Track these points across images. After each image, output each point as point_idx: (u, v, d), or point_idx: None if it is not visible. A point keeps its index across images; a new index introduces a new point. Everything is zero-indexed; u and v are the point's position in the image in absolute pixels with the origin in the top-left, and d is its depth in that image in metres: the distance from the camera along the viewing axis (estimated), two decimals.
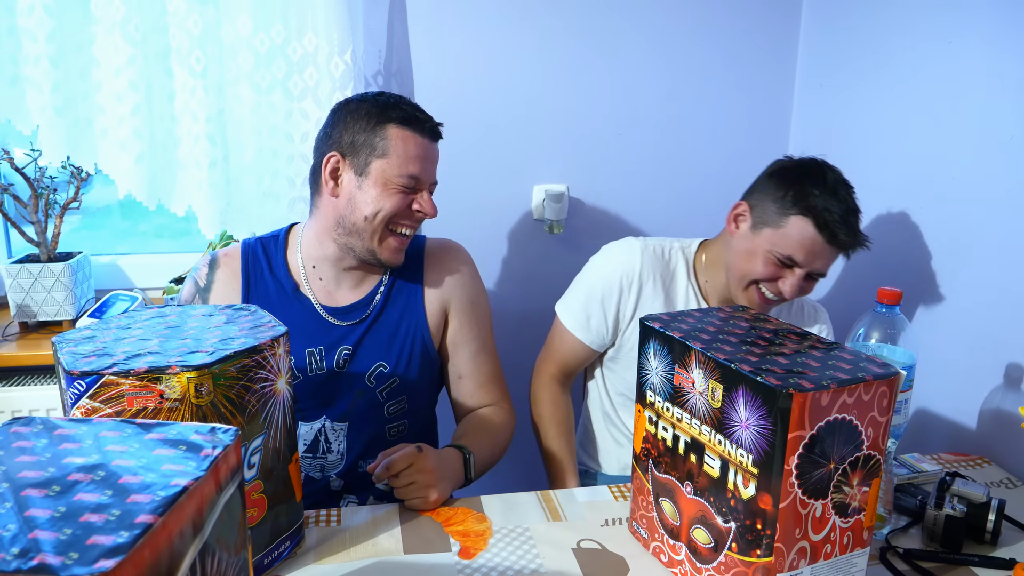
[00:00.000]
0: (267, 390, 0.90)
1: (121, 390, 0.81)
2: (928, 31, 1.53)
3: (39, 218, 1.73)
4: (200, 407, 0.82)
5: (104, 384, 0.81)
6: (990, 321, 1.38)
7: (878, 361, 0.83)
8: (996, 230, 1.37)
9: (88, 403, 0.81)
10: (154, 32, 1.65)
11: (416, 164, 1.21)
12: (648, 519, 1.00)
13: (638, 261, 1.42)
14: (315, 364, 1.28)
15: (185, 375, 0.81)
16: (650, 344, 0.95)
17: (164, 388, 0.81)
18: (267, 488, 0.93)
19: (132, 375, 0.81)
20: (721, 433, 0.84)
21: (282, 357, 0.92)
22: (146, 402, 0.81)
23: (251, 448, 0.89)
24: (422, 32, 1.83)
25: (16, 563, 0.47)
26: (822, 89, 1.91)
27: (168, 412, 0.82)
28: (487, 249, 1.98)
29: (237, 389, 0.86)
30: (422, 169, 1.22)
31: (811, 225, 1.27)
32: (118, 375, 0.81)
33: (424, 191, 1.25)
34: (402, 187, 1.22)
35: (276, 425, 0.93)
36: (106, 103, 1.65)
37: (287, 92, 1.72)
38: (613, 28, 1.91)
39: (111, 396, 0.81)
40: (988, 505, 1.02)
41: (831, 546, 0.83)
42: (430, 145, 1.24)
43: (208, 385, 0.83)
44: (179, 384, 0.81)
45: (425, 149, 1.23)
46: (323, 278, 1.31)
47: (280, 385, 0.92)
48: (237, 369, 0.85)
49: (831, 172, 1.32)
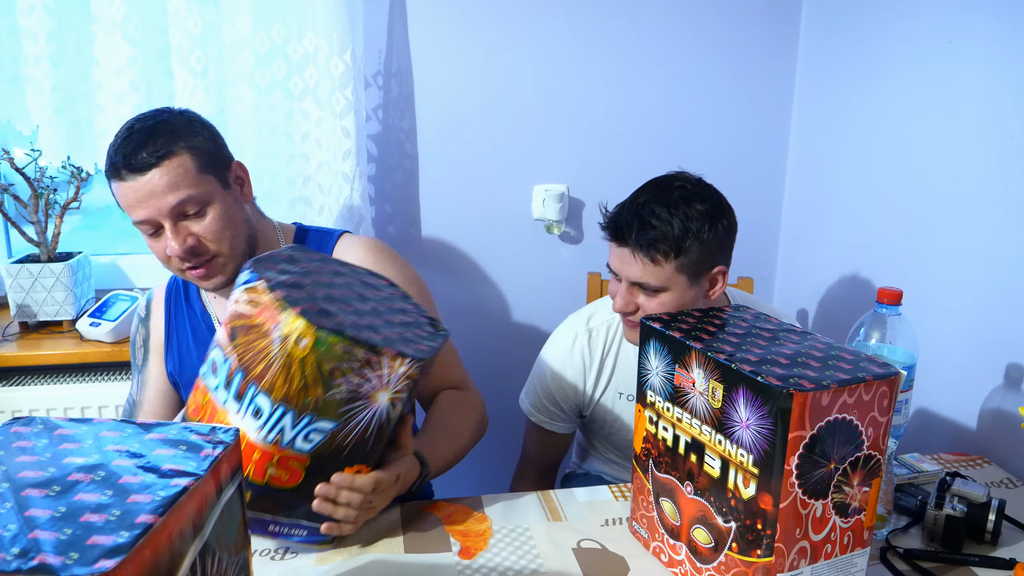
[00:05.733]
0: (363, 390, 0.88)
1: (261, 300, 0.87)
2: (928, 31, 1.53)
3: (39, 218, 1.73)
4: (292, 356, 0.84)
5: (255, 287, 0.87)
6: (990, 321, 1.38)
7: (878, 361, 0.83)
8: (996, 230, 1.37)
9: (241, 293, 0.89)
10: (154, 32, 1.65)
11: (133, 210, 1.13)
12: (648, 519, 1.00)
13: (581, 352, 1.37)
14: None
15: (298, 320, 0.84)
16: (650, 344, 0.95)
17: (281, 321, 0.84)
18: (309, 470, 0.91)
19: (273, 294, 0.86)
20: (721, 433, 0.84)
21: (398, 376, 0.90)
22: (267, 322, 0.86)
23: (315, 426, 0.88)
24: (422, 32, 1.83)
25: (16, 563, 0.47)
26: (822, 89, 1.91)
27: (271, 342, 0.85)
28: (487, 249, 1.99)
29: (333, 367, 0.85)
30: (141, 212, 1.12)
31: (608, 236, 1.23)
32: (268, 287, 0.86)
33: (166, 227, 1.13)
34: (146, 233, 1.16)
35: (355, 427, 0.90)
36: (106, 103, 1.65)
37: (287, 92, 1.72)
38: (613, 28, 1.91)
39: (253, 299, 0.87)
40: (988, 505, 1.02)
41: (831, 546, 0.83)
42: (138, 184, 1.10)
43: (308, 342, 0.84)
44: (289, 324, 0.84)
45: (134, 191, 1.11)
46: (216, 296, 1.29)
47: (381, 397, 0.90)
48: (345, 351, 0.85)
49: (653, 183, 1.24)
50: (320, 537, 0.97)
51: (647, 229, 1.17)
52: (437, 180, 1.93)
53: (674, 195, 1.19)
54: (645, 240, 1.17)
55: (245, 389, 0.88)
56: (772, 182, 2.08)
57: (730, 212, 1.24)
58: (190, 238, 1.13)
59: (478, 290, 2.00)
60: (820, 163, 1.94)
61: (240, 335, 0.88)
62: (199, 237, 1.14)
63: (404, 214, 1.94)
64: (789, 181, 2.08)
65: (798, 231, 2.05)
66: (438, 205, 1.95)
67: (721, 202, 1.23)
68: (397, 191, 1.93)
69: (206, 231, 1.14)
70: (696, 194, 1.20)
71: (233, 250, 1.18)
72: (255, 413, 0.88)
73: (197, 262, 1.15)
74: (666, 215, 1.17)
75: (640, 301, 1.22)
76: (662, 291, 1.20)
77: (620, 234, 1.20)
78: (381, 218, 1.93)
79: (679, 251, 1.17)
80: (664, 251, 1.17)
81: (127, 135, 1.12)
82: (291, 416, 0.87)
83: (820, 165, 1.94)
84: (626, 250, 1.19)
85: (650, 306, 1.21)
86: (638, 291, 1.22)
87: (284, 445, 0.88)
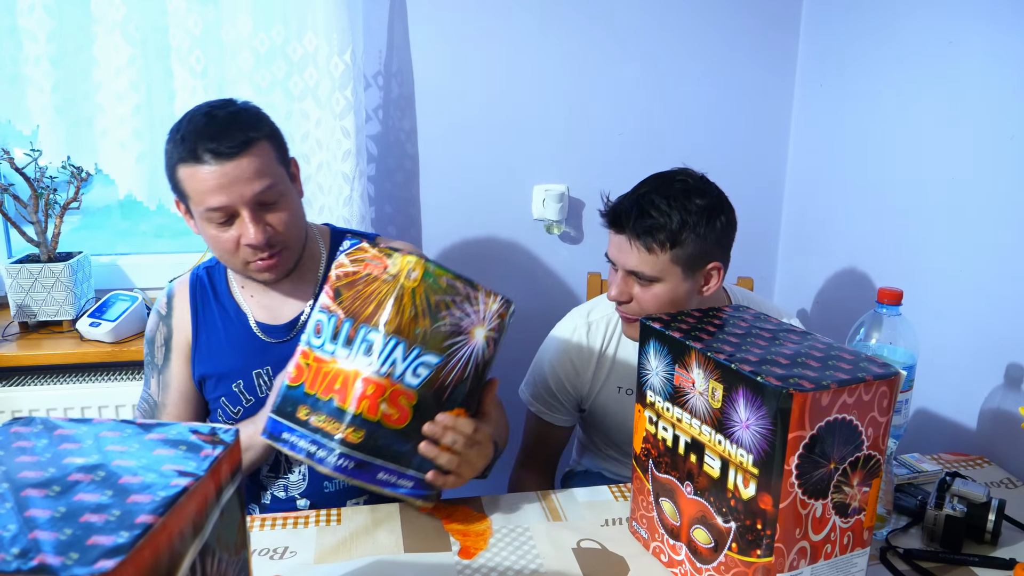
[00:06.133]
0: (463, 325, 0.97)
1: (365, 256, 0.98)
2: (928, 31, 1.53)
3: (39, 218, 1.73)
4: (403, 287, 0.95)
5: (359, 248, 0.99)
6: (990, 321, 1.38)
7: (878, 361, 0.83)
8: (996, 230, 1.37)
9: (343, 259, 1.00)
10: (154, 32, 1.65)
11: (212, 196, 1.09)
12: (648, 519, 1.00)
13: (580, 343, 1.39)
14: (264, 385, 1.23)
15: (407, 256, 0.96)
16: (650, 344, 0.95)
17: (390, 263, 0.96)
18: (416, 408, 0.97)
19: (378, 247, 0.98)
20: (721, 433, 0.84)
21: (493, 314, 0.99)
22: (374, 270, 0.97)
23: (422, 359, 0.96)
24: (422, 32, 1.83)
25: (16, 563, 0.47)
26: (822, 89, 1.91)
27: (382, 283, 0.96)
28: (487, 249, 1.98)
29: (438, 300, 0.95)
30: (221, 198, 1.09)
31: (607, 223, 1.25)
32: (370, 244, 0.99)
33: (243, 215, 1.11)
34: (216, 221, 1.12)
35: (457, 364, 0.98)
36: (106, 103, 1.65)
37: (287, 92, 1.72)
38: (613, 28, 1.91)
39: (358, 258, 0.98)
40: (988, 505, 1.02)
41: (831, 546, 0.83)
42: (222, 168, 1.08)
43: (418, 274, 0.95)
44: (399, 262, 0.96)
45: (217, 176, 1.08)
46: (254, 295, 1.27)
47: (478, 333, 0.98)
48: (448, 283, 0.96)
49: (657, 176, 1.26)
50: (424, 491, 1.00)
51: (645, 218, 1.19)
52: (437, 180, 1.93)
53: (675, 188, 1.21)
54: (642, 228, 1.19)
55: (356, 332, 0.96)
56: (772, 182, 2.08)
57: (730, 210, 1.25)
58: (268, 228, 1.13)
59: None
60: (820, 163, 1.94)
61: (345, 291, 0.98)
62: (274, 228, 1.14)
63: (404, 214, 1.94)
64: (789, 181, 2.08)
65: (798, 231, 2.05)
66: (438, 205, 1.95)
67: (721, 199, 1.24)
68: (397, 191, 1.93)
69: (280, 222, 1.14)
70: (697, 189, 1.22)
71: (298, 243, 1.20)
72: (367, 350, 0.95)
73: (270, 253, 1.15)
74: (665, 206, 1.19)
75: (635, 291, 1.24)
76: (656, 281, 1.22)
77: (619, 221, 1.22)
78: (381, 218, 1.93)
79: (675, 242, 1.19)
80: (660, 241, 1.19)
81: (208, 120, 1.10)
82: (402, 347, 0.95)
83: (820, 165, 1.94)
84: (623, 238, 1.21)
85: (644, 297, 1.23)
86: (633, 281, 1.24)
87: (396, 378, 0.95)
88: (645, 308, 1.24)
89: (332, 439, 0.95)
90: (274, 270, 1.17)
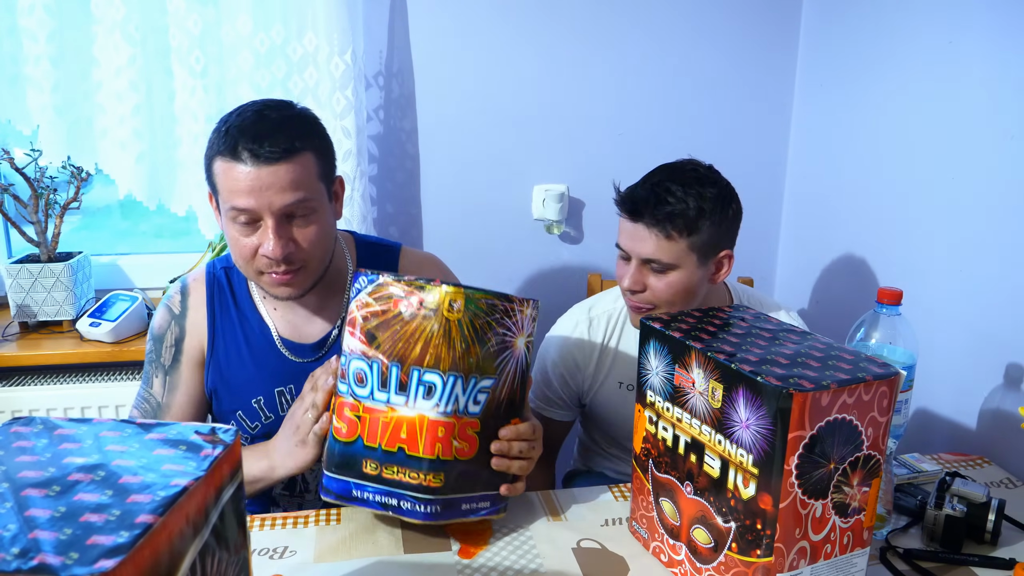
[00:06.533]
0: (507, 340, 0.96)
1: (391, 292, 0.94)
2: (928, 31, 1.53)
3: (39, 218, 1.73)
4: (449, 320, 0.92)
5: (381, 284, 0.94)
6: (990, 321, 1.38)
7: (878, 361, 0.83)
8: (996, 230, 1.37)
9: (365, 298, 0.95)
10: (154, 32, 1.65)
11: (241, 197, 1.04)
12: (648, 519, 1.00)
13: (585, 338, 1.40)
14: (286, 404, 1.19)
15: (445, 287, 0.92)
16: (650, 344, 0.95)
17: (425, 296, 0.92)
18: (481, 435, 0.97)
19: (404, 281, 0.93)
20: (721, 433, 0.84)
21: (528, 319, 0.98)
22: (409, 307, 0.93)
23: (480, 386, 0.95)
24: (422, 32, 1.83)
25: (16, 563, 0.47)
26: (822, 89, 1.91)
27: (423, 319, 0.92)
28: (487, 249, 1.98)
29: (483, 322, 0.94)
30: (249, 200, 1.04)
31: (623, 212, 1.26)
32: (394, 279, 0.94)
33: (268, 223, 1.05)
34: (239, 222, 1.06)
35: (507, 378, 0.98)
36: (106, 103, 1.65)
37: (287, 92, 1.72)
38: (613, 28, 1.91)
39: (383, 295, 0.94)
40: (988, 505, 1.02)
41: (831, 546, 0.83)
42: (257, 172, 1.03)
43: (460, 303, 0.92)
44: (438, 295, 0.92)
45: (251, 178, 1.03)
46: (278, 308, 1.20)
47: (519, 343, 0.98)
48: (488, 304, 0.94)
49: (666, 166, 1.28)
50: (499, 505, 1.03)
51: (663, 204, 1.21)
52: (438, 180, 1.93)
53: (688, 176, 1.24)
54: (661, 214, 1.20)
55: (408, 376, 0.94)
56: (772, 182, 2.08)
57: (738, 200, 1.28)
58: (290, 243, 1.07)
59: None
60: (820, 163, 1.94)
61: (379, 333, 0.94)
62: (297, 243, 1.07)
63: (405, 214, 1.94)
64: (789, 181, 2.08)
65: (798, 231, 2.05)
66: (439, 205, 1.95)
67: (730, 188, 1.27)
68: (398, 191, 1.93)
69: (306, 239, 1.08)
70: (708, 178, 1.25)
71: (320, 264, 1.13)
72: (427, 392, 0.94)
73: (286, 269, 1.08)
74: (681, 193, 1.21)
75: (649, 281, 1.25)
76: (672, 269, 1.23)
77: (636, 209, 1.23)
78: (382, 218, 1.93)
79: (692, 229, 1.21)
80: (679, 227, 1.21)
81: (257, 119, 1.05)
82: (461, 382, 0.94)
83: (820, 165, 1.94)
84: (640, 226, 1.22)
85: (659, 286, 1.24)
86: (648, 270, 1.25)
87: (461, 413, 0.95)
88: (659, 297, 1.25)
89: (414, 489, 0.94)
90: (287, 286, 1.11)
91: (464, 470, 0.96)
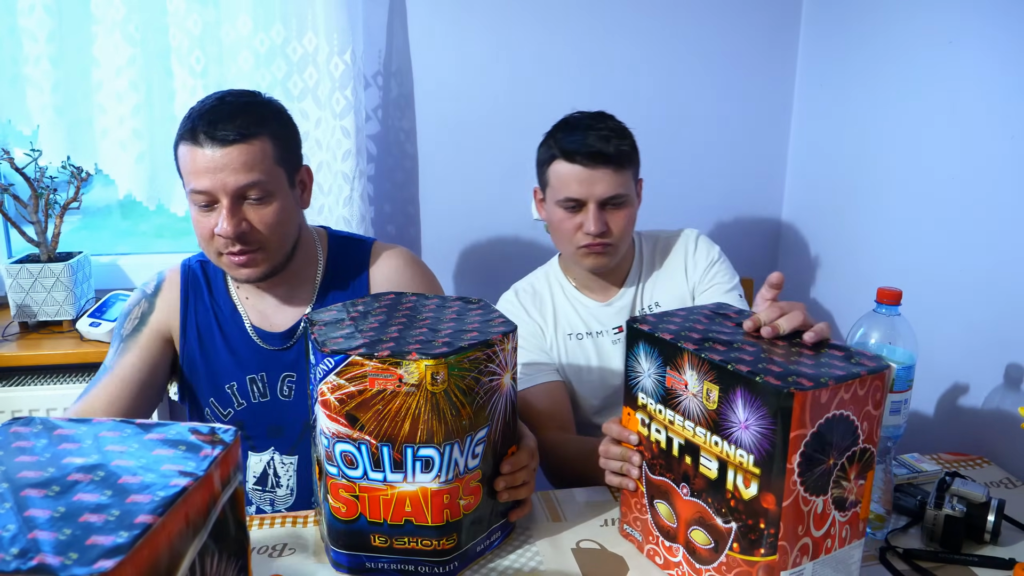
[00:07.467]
0: (494, 383, 0.93)
1: (365, 371, 0.86)
2: (928, 31, 1.53)
3: (39, 218, 1.73)
4: (435, 394, 0.86)
5: (351, 363, 0.86)
6: (990, 321, 1.38)
7: (868, 355, 0.84)
8: (996, 230, 1.37)
9: (335, 379, 0.87)
10: (154, 32, 1.65)
11: (197, 178, 1.09)
12: (642, 521, 0.99)
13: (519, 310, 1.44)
14: (257, 392, 1.22)
15: (424, 362, 0.85)
16: (639, 346, 0.95)
17: (403, 373, 0.85)
18: (483, 480, 0.95)
19: (376, 358, 0.85)
20: (718, 434, 0.84)
21: (510, 353, 0.95)
22: (386, 384, 0.86)
23: (476, 439, 0.92)
24: (422, 32, 1.83)
25: (16, 563, 0.47)
26: (822, 89, 1.91)
27: (405, 396, 0.86)
28: (487, 249, 1.98)
29: (469, 380, 0.89)
30: (204, 182, 1.08)
31: (562, 161, 1.32)
32: (364, 356, 0.86)
33: (224, 204, 1.09)
34: (198, 204, 1.11)
35: (498, 418, 0.95)
36: (106, 103, 1.65)
37: (287, 92, 1.72)
38: (613, 28, 1.91)
39: (355, 375, 0.86)
40: (988, 505, 1.02)
41: (831, 540, 0.83)
42: (212, 153, 1.08)
43: (443, 374, 0.86)
44: (417, 370, 0.85)
45: (206, 160, 1.08)
46: (249, 297, 1.24)
47: (506, 380, 0.95)
48: (470, 361, 0.89)
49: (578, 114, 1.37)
50: (509, 529, 1.03)
51: (610, 142, 1.30)
52: (437, 180, 1.93)
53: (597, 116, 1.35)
54: (615, 151, 1.29)
55: (402, 455, 0.89)
56: (772, 181, 2.08)
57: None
58: (244, 223, 1.11)
59: (477, 290, 2.00)
60: (820, 163, 1.94)
61: (360, 414, 0.88)
62: (252, 225, 1.12)
63: (404, 214, 1.94)
64: (789, 180, 2.08)
65: (798, 231, 2.05)
66: (438, 205, 1.95)
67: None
68: (397, 191, 1.93)
69: (261, 221, 1.12)
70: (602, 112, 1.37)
71: (279, 249, 1.16)
72: (425, 467, 0.89)
73: (241, 249, 1.12)
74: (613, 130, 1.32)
75: (608, 219, 1.32)
76: (626, 200, 1.33)
77: (596, 154, 1.29)
78: (380, 218, 1.93)
79: (632, 159, 1.34)
80: (629, 159, 1.32)
81: (217, 104, 1.11)
82: (457, 446, 0.90)
83: (820, 165, 1.94)
84: (594, 170, 1.29)
85: (618, 221, 1.32)
86: (604, 211, 1.32)
87: (462, 472, 0.92)
88: (618, 233, 1.33)
89: (430, 555, 0.93)
90: (244, 268, 1.14)
91: (474, 519, 0.95)
